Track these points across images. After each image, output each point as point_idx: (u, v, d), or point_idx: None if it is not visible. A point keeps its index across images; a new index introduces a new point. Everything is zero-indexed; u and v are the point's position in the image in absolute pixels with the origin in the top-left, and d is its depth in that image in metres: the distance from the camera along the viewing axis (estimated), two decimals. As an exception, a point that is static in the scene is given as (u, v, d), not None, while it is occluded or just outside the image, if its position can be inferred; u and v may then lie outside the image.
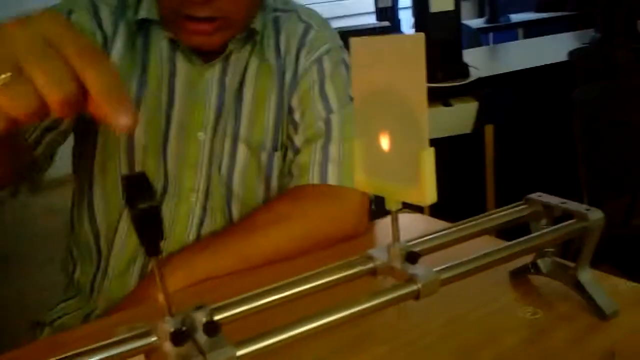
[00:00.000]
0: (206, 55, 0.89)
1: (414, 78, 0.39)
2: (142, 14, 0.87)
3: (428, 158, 0.39)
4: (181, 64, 0.89)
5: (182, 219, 0.89)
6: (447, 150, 2.04)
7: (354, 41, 0.45)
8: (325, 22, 0.99)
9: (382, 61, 0.43)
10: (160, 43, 0.88)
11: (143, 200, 0.34)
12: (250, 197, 0.92)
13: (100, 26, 0.87)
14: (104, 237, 0.91)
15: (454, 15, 2.01)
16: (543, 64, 2.22)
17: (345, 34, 1.00)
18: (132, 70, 0.87)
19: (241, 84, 0.91)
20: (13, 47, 0.42)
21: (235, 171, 0.90)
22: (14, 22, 0.44)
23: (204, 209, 0.90)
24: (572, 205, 0.59)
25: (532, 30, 3.63)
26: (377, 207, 0.91)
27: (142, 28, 0.88)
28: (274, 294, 0.47)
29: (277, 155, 0.93)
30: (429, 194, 0.40)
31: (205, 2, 0.79)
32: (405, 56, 0.39)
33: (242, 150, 0.90)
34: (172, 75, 0.89)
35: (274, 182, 0.94)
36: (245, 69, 0.91)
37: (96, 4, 0.88)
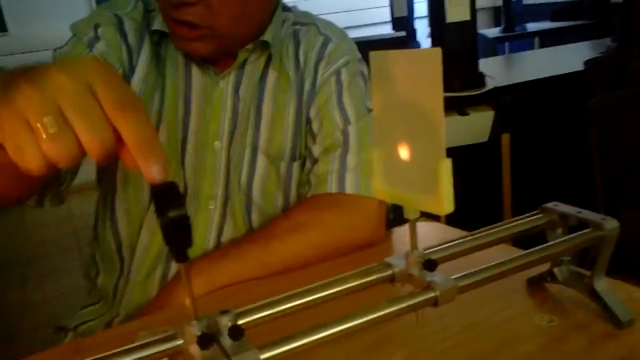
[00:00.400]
0: (218, 66, 0.91)
1: (431, 91, 0.40)
2: (157, 25, 0.89)
3: (446, 168, 0.41)
4: (196, 75, 0.91)
5: (201, 226, 0.91)
6: (463, 159, 2.05)
7: (373, 55, 0.47)
8: (344, 34, 1.00)
9: (400, 74, 0.44)
10: (175, 55, 0.91)
11: (172, 208, 0.36)
12: (270, 205, 0.94)
13: (125, 40, 0.89)
14: (126, 245, 0.93)
15: (470, 25, 2.02)
16: (559, 74, 2.22)
17: (361, 45, 1.02)
18: (156, 83, 0.90)
19: (260, 95, 0.93)
20: (57, 93, 0.44)
21: (254, 180, 0.92)
22: (59, 67, 0.46)
23: (223, 216, 0.92)
24: (588, 215, 0.59)
25: (548, 39, 3.62)
26: (395, 216, 0.92)
27: (161, 40, 0.91)
28: (296, 300, 0.49)
29: (296, 165, 0.94)
30: (446, 204, 0.41)
31: (180, 6, 0.80)
32: (423, 69, 0.41)
33: (261, 159, 0.92)
34: (188, 85, 0.91)
35: (293, 191, 0.95)
36: (262, 80, 0.93)
37: (121, 18, 0.90)
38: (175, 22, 0.83)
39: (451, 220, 0.96)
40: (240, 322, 0.45)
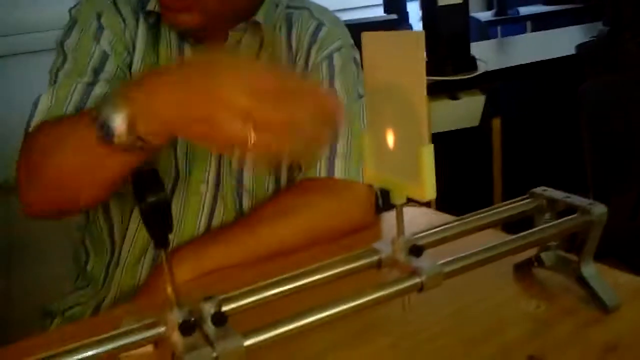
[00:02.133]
0: (213, 46, 0.90)
1: (414, 74, 0.40)
2: (150, 6, 0.88)
3: (427, 154, 0.40)
4: (189, 55, 0.90)
5: (192, 209, 0.91)
6: (454, 143, 2.05)
7: (365, 36, 0.46)
8: (337, 20, 1.00)
9: (388, 57, 0.44)
10: (169, 36, 0.90)
11: (151, 194, 0.35)
12: (260, 190, 0.93)
13: (125, 24, 0.89)
14: (117, 228, 0.92)
15: (462, 8, 2.00)
16: (551, 58, 2.21)
17: (352, 27, 1.01)
18: (152, 64, 0.89)
19: None
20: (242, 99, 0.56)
21: (245, 165, 0.91)
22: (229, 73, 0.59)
23: (214, 200, 0.91)
24: (576, 200, 0.59)
25: (541, 23, 3.61)
26: (385, 201, 0.92)
27: (155, 22, 0.90)
28: (281, 286, 0.48)
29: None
30: (428, 190, 0.41)
31: None
32: (407, 53, 0.40)
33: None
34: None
35: (283, 176, 0.95)
36: None
37: (117, 4, 0.90)
38: None
39: (442, 205, 0.96)
40: (225, 308, 0.44)
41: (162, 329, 0.43)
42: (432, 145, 0.40)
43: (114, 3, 0.90)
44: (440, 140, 2.00)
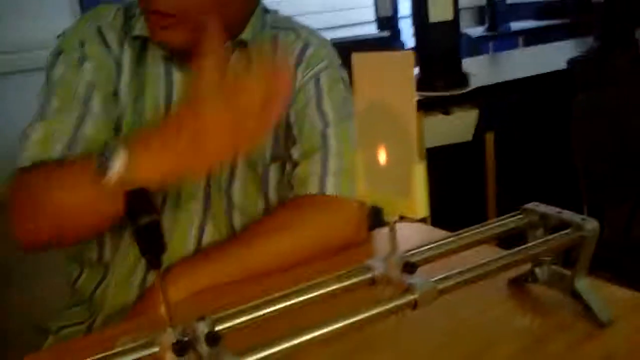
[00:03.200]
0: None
1: (404, 94, 0.40)
2: (137, 31, 0.89)
3: (419, 172, 0.40)
4: (177, 75, 0.90)
5: (182, 226, 0.90)
6: (447, 158, 2.06)
7: (355, 57, 0.46)
8: (324, 40, 1.00)
9: (378, 77, 0.44)
10: (157, 59, 0.91)
11: (143, 214, 0.35)
12: (251, 207, 0.93)
13: (110, 52, 0.90)
14: (108, 247, 0.92)
15: (453, 24, 2.02)
16: (543, 72, 2.23)
17: (345, 45, 1.02)
18: (139, 88, 0.89)
19: None
20: None
21: (234, 183, 0.92)
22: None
23: (204, 216, 0.91)
24: (568, 215, 0.59)
25: (533, 38, 3.64)
26: (377, 218, 0.92)
27: (142, 46, 0.90)
28: (275, 305, 0.48)
29: (274, 167, 0.94)
30: (420, 208, 0.41)
31: None
32: (396, 73, 0.40)
33: (241, 162, 0.91)
34: (169, 88, 0.90)
35: (272, 194, 0.95)
36: None
37: (102, 31, 0.90)
38: (150, 13, 0.83)
39: (436, 220, 0.96)
40: (218, 328, 0.44)
41: (155, 349, 0.43)
42: (424, 163, 0.40)
43: (98, 30, 0.91)
44: (434, 155, 2.02)
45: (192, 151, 0.67)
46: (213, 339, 0.41)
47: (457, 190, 2.15)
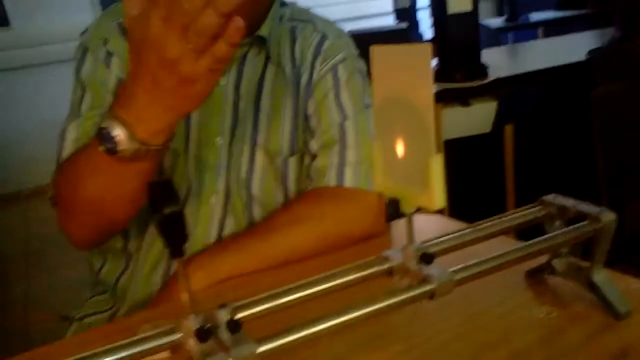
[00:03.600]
0: None
1: (421, 86, 0.41)
2: None
3: (436, 164, 0.41)
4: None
5: (203, 220, 0.92)
6: (466, 150, 2.05)
7: (373, 49, 0.47)
8: (341, 32, 1.01)
9: (396, 69, 0.44)
10: None
11: (167, 205, 0.36)
12: (270, 200, 0.94)
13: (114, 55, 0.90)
14: (133, 238, 0.93)
15: (472, 16, 2.01)
16: (562, 64, 2.21)
17: (363, 37, 1.02)
18: None
19: (259, 92, 0.93)
20: None
21: (254, 176, 0.93)
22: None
23: (225, 211, 0.92)
24: (585, 207, 0.60)
25: (552, 29, 3.61)
26: (395, 209, 0.92)
27: None
28: (293, 293, 0.49)
29: (292, 160, 0.95)
30: (437, 199, 0.41)
31: None
32: (414, 65, 0.41)
33: (260, 156, 0.92)
34: None
35: (292, 186, 0.96)
36: (262, 77, 0.94)
37: (123, 26, 0.90)
38: None
39: (454, 211, 0.96)
40: (239, 315, 0.45)
41: (178, 336, 0.44)
42: (441, 155, 0.41)
43: (119, 25, 0.92)
44: (453, 147, 2.02)
45: (178, 82, 0.61)
46: (234, 326, 0.42)
47: (476, 182, 2.15)
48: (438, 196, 0.41)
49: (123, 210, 0.80)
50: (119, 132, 0.66)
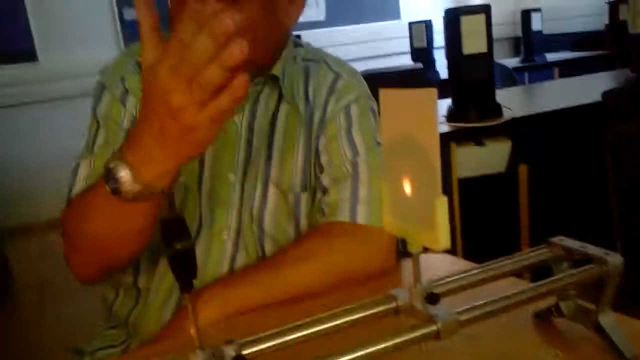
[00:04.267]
0: None
1: (427, 129, 0.42)
2: None
3: (441, 206, 0.42)
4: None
5: (215, 255, 0.93)
6: (480, 189, 2.05)
7: (382, 93, 0.48)
8: (354, 72, 1.03)
9: (404, 112, 0.46)
10: None
11: (178, 241, 0.38)
12: (282, 235, 0.95)
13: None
14: (143, 273, 0.94)
15: (487, 56, 2.03)
16: (577, 104, 2.22)
17: (379, 76, 1.04)
18: None
19: (272, 129, 0.95)
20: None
21: (266, 211, 0.94)
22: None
23: (236, 246, 0.93)
24: (592, 250, 0.60)
25: (568, 69, 3.63)
26: (404, 247, 0.93)
27: None
28: (300, 331, 0.50)
29: (304, 196, 0.96)
30: (442, 240, 0.42)
31: None
32: (421, 109, 0.42)
33: (272, 192, 0.94)
34: None
35: (303, 221, 0.97)
36: (275, 115, 0.96)
37: (140, 63, 0.93)
38: None
39: (468, 251, 0.96)
40: (245, 352, 0.46)
41: (185, 370, 0.45)
42: (446, 198, 0.42)
43: (137, 64, 0.94)
44: (467, 186, 2.02)
45: (182, 130, 0.61)
46: (240, 361, 0.43)
47: (490, 221, 2.14)
48: (443, 237, 0.42)
49: (127, 249, 0.82)
50: (124, 174, 0.67)
